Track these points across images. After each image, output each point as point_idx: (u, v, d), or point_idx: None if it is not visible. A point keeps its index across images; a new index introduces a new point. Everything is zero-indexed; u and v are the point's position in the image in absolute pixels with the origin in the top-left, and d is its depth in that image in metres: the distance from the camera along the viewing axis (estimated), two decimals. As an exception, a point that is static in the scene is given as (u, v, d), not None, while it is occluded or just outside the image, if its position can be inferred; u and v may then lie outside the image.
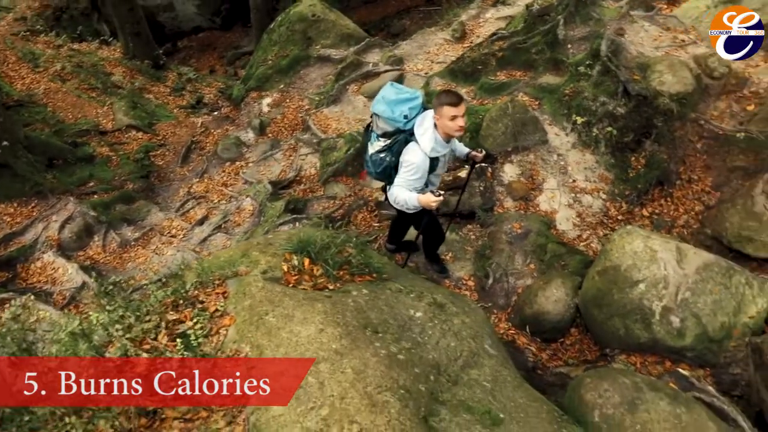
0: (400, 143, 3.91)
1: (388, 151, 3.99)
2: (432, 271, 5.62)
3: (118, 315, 2.61)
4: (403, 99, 3.91)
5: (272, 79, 10.65)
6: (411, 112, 3.87)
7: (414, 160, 3.78)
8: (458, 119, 3.65)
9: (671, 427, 3.04)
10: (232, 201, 8.56)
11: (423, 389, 2.49)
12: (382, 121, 3.98)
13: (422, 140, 3.78)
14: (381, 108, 3.94)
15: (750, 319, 4.40)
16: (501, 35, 8.82)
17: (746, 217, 5.78)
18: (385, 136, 4.01)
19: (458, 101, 3.66)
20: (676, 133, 6.48)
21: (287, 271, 3.20)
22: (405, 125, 3.89)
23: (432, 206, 3.66)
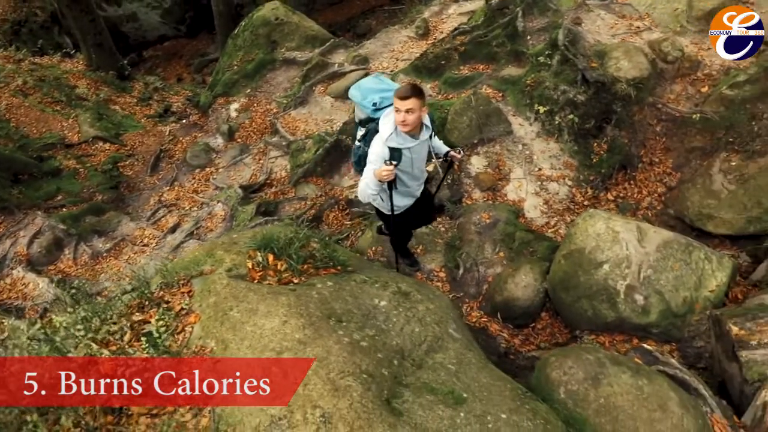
0: (371, 132, 3.83)
1: (363, 141, 3.94)
2: (403, 264, 5.67)
3: (80, 317, 2.61)
4: (379, 89, 3.85)
5: (239, 84, 10.64)
6: (382, 101, 3.78)
7: (374, 149, 3.66)
8: (400, 113, 3.46)
9: (633, 399, 3.13)
10: (204, 207, 8.54)
11: (386, 373, 2.54)
12: (357, 108, 3.98)
13: (382, 128, 3.67)
14: (354, 93, 3.93)
15: (711, 293, 4.54)
16: (463, 30, 8.92)
17: (706, 196, 5.95)
18: (361, 124, 3.98)
19: (404, 95, 3.44)
20: (635, 117, 6.63)
21: (252, 268, 3.22)
22: (374, 113, 3.82)
23: (384, 177, 3.45)
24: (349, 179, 8.01)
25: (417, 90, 3.50)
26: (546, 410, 2.78)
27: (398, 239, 5.22)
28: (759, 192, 5.52)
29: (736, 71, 6.48)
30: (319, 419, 2.18)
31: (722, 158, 6.06)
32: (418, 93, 3.48)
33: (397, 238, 5.07)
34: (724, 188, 5.87)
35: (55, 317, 2.62)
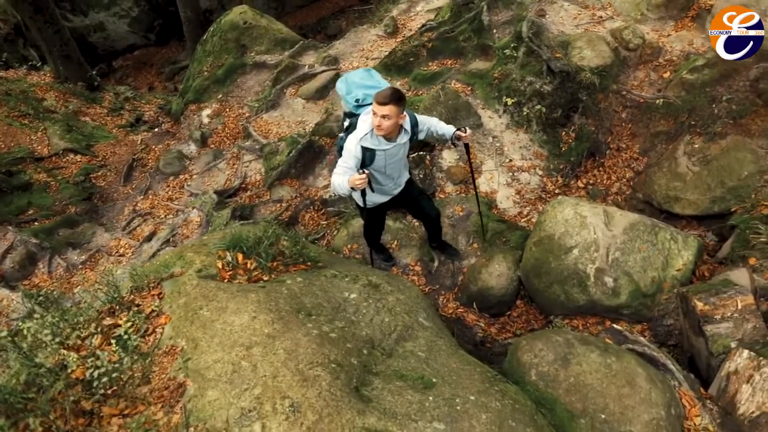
0: (353, 126, 3.84)
1: (345, 133, 3.94)
2: (378, 260, 5.71)
3: (48, 322, 2.61)
4: (366, 85, 3.86)
5: (210, 90, 10.59)
6: (366, 98, 3.79)
7: (348, 145, 3.69)
8: (376, 117, 3.50)
9: (602, 376, 3.20)
10: (179, 214, 8.50)
11: (355, 363, 2.58)
12: (342, 101, 3.99)
13: (360, 126, 3.69)
14: (340, 85, 3.97)
15: (678, 271, 4.64)
16: (430, 26, 9.02)
17: (672, 179, 6.07)
18: (346, 117, 4.01)
19: (382, 101, 3.45)
20: (600, 105, 6.75)
21: (221, 268, 3.24)
22: (355, 109, 3.85)
23: (357, 185, 3.49)
24: (324, 179, 8.04)
25: (396, 97, 3.48)
26: (515, 391, 2.84)
27: (370, 234, 5.28)
28: (722, 172, 5.65)
29: (695, 56, 6.64)
30: (288, 409, 2.21)
31: (686, 141, 6.19)
32: (396, 100, 3.47)
33: (369, 232, 5.15)
34: (688, 170, 6.00)
35: (22, 324, 2.62)
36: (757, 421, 3.24)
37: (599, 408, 3.10)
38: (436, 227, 5.27)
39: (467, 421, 2.37)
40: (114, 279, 3.12)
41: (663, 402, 3.22)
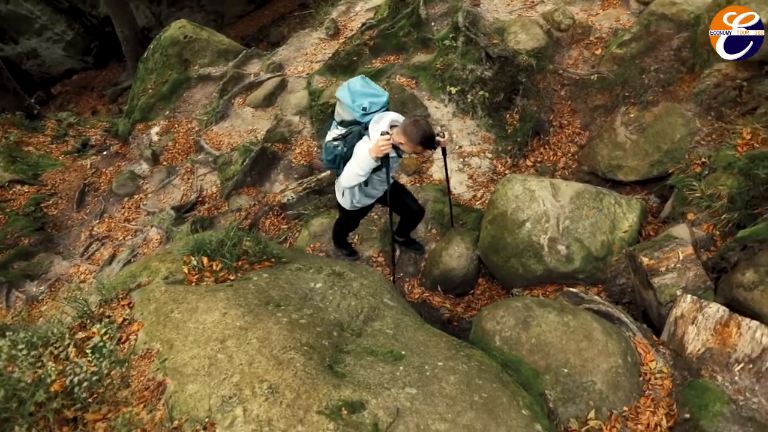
0: (354, 135, 3.90)
1: (342, 141, 3.98)
2: (342, 256, 5.83)
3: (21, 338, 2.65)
4: (368, 93, 3.92)
5: (156, 108, 10.50)
6: (371, 106, 3.88)
7: (360, 161, 3.76)
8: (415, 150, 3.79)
9: (561, 334, 3.41)
10: (138, 234, 8.43)
11: (326, 344, 2.70)
12: (342, 108, 3.98)
13: (374, 137, 3.73)
14: (343, 94, 3.96)
15: (625, 233, 4.91)
16: (370, 25, 9.17)
17: (613, 148, 6.38)
18: (343, 124, 4.02)
19: (432, 147, 3.84)
20: (539, 85, 7.03)
21: (188, 272, 3.31)
22: (362, 117, 3.89)
23: (381, 150, 3.60)
24: (280, 184, 8.11)
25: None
26: (481, 354, 3.01)
27: (342, 233, 5.47)
28: (657, 138, 5.97)
29: (622, 32, 6.98)
30: (267, 391, 2.32)
31: (622, 112, 6.51)
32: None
33: (342, 231, 5.37)
34: (627, 139, 6.31)
35: (-4, 341, 2.65)
36: (703, 356, 3.50)
37: (561, 363, 3.30)
38: (415, 223, 5.43)
39: (437, 384, 2.53)
40: (82, 294, 3.15)
41: (619, 351, 3.44)
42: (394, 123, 3.81)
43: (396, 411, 2.29)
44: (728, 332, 3.49)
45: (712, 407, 3.18)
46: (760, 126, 4.86)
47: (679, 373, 3.52)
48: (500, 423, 2.38)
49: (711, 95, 5.74)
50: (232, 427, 2.19)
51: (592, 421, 3.18)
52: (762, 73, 5.27)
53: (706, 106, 5.78)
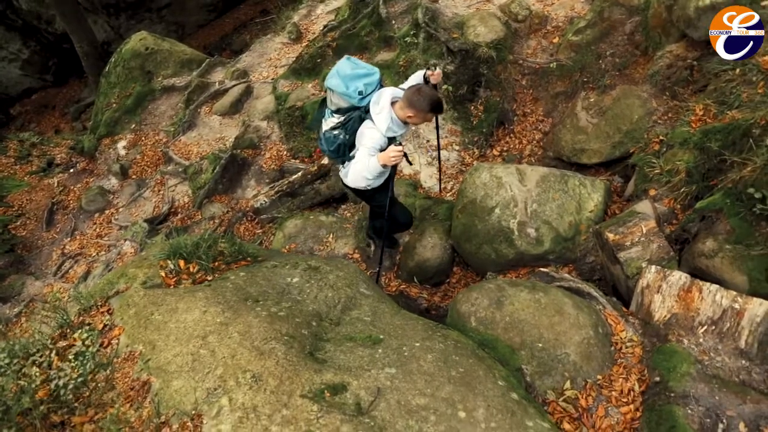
0: (354, 120, 3.81)
1: (341, 129, 3.89)
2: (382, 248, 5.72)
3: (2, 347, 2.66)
4: (359, 74, 3.79)
5: (122, 122, 10.42)
6: (366, 88, 3.75)
7: (371, 142, 3.69)
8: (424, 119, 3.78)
9: (534, 310, 3.52)
10: (111, 249, 8.37)
11: (306, 333, 2.78)
12: (336, 97, 3.87)
13: (378, 119, 3.68)
14: (334, 82, 3.82)
15: (591, 213, 5.08)
16: (332, 26, 9.25)
17: (575, 133, 6.56)
18: (339, 112, 3.90)
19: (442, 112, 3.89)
20: (501, 76, 7.18)
21: (165, 276, 3.35)
22: (359, 102, 3.77)
23: (392, 160, 3.55)
24: (252, 190, 8.14)
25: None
26: (457, 334, 3.11)
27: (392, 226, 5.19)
28: (616, 120, 6.16)
29: (577, 19, 7.18)
30: (251, 380, 2.38)
31: (582, 97, 6.69)
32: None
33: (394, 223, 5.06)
34: (589, 123, 6.49)
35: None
36: (669, 322, 3.66)
37: (535, 338, 3.42)
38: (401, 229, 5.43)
39: (415, 362, 2.61)
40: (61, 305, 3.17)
41: (590, 323, 3.57)
42: (394, 99, 3.75)
43: (377, 390, 2.37)
44: (691, 297, 3.65)
45: (680, 369, 3.33)
46: (711, 102, 5.06)
47: (648, 340, 3.67)
48: (477, 394, 2.48)
49: (664, 76, 5.94)
50: (218, 416, 2.25)
51: (568, 392, 3.31)
52: (710, 52, 5.48)
53: (660, 86, 5.98)
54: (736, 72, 4.92)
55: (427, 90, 3.67)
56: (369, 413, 2.25)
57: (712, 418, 3.09)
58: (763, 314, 3.43)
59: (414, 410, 2.30)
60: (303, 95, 8.58)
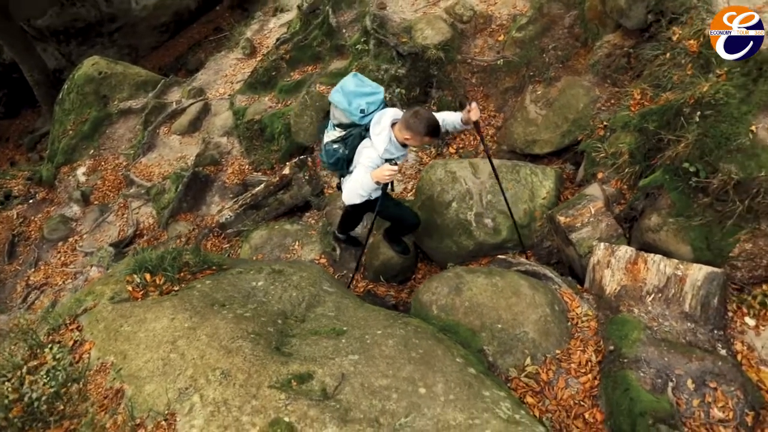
0: (354, 137, 3.81)
1: (342, 143, 3.89)
2: (345, 246, 5.88)
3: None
4: (363, 92, 3.80)
5: (80, 148, 10.33)
6: (369, 107, 3.77)
7: (368, 161, 3.70)
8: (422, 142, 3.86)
9: (491, 294, 3.70)
10: (78, 276, 8.30)
11: (272, 330, 2.89)
12: (338, 112, 3.88)
13: (376, 140, 3.69)
14: (337, 98, 3.82)
15: (543, 200, 5.30)
16: (284, 39, 9.37)
17: (526, 125, 6.79)
18: (341, 126, 3.92)
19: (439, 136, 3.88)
20: (451, 75, 7.39)
21: (132, 290, 3.42)
22: (360, 120, 3.79)
23: (385, 178, 3.55)
24: (216, 206, 8.18)
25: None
26: (418, 321, 3.26)
27: (346, 220, 5.47)
28: (563, 110, 6.41)
29: (520, 17, 7.44)
30: (220, 376, 2.48)
31: (530, 91, 6.94)
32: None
33: (346, 220, 5.41)
34: (538, 115, 6.73)
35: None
36: (619, 294, 3.88)
37: (494, 320, 3.59)
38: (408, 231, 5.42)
39: (377, 348, 2.75)
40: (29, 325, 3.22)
41: (546, 302, 3.76)
42: (395, 120, 3.77)
43: (341, 375, 2.50)
44: (637, 269, 3.87)
45: (631, 336, 3.54)
46: (647, 86, 5.33)
47: (602, 313, 3.88)
48: (436, 371, 2.62)
49: (604, 64, 6.22)
50: (191, 412, 2.35)
51: (529, 368, 3.48)
52: (644, 40, 5.78)
53: (601, 74, 6.25)
54: (667, 56, 5.20)
55: (425, 113, 3.69)
56: (335, 397, 2.38)
57: (662, 378, 3.30)
58: (702, 278, 3.67)
59: (377, 390, 2.44)
60: (260, 108, 8.67)
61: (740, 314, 3.83)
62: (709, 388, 3.27)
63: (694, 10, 5.02)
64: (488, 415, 2.36)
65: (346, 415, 2.29)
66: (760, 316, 3.79)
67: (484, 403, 2.46)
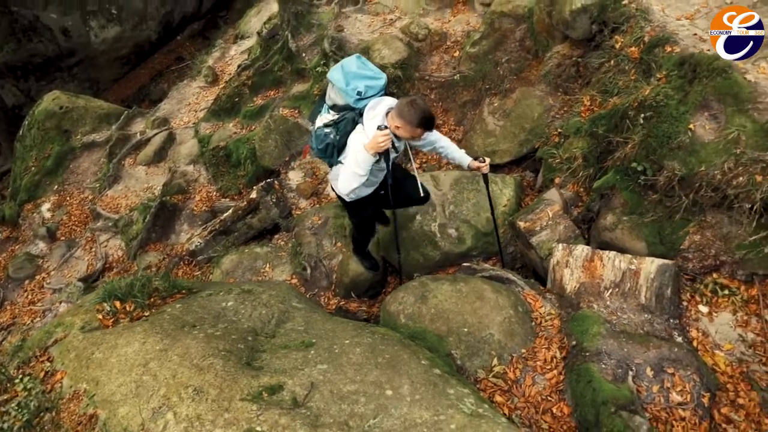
0: (347, 122, 3.61)
1: (333, 128, 3.67)
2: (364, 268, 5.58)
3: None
4: (364, 75, 3.61)
5: (43, 184, 10.22)
6: (367, 90, 3.57)
7: (359, 148, 3.48)
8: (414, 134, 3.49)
9: (456, 300, 3.82)
10: (47, 314, 8.18)
11: (243, 347, 2.96)
12: (334, 92, 3.70)
13: (368, 125, 3.49)
14: (336, 76, 3.62)
15: (504, 207, 5.47)
16: (246, 65, 9.48)
17: (486, 137, 7.00)
18: (335, 109, 3.73)
19: (432, 127, 3.53)
20: (411, 92, 7.59)
21: (103, 318, 3.45)
22: (356, 102, 3.58)
23: (380, 145, 3.34)
24: (185, 234, 8.18)
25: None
26: (385, 330, 3.37)
27: (359, 235, 5.19)
28: (520, 120, 6.64)
29: (473, 33, 7.70)
30: (192, 393, 2.54)
31: (487, 103, 7.17)
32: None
33: (358, 233, 5.12)
34: (496, 126, 6.95)
35: None
36: (579, 291, 4.04)
37: (460, 324, 3.71)
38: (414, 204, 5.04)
39: (345, 357, 2.84)
40: None
41: (510, 304, 3.90)
42: (390, 109, 3.54)
43: (311, 384, 2.58)
44: (594, 266, 4.04)
45: (592, 330, 3.69)
46: (596, 92, 5.58)
47: (564, 311, 4.03)
48: (402, 374, 2.72)
49: (556, 74, 6.48)
50: (165, 430, 2.40)
51: (496, 368, 3.60)
52: (590, 49, 6.05)
53: (553, 84, 6.51)
54: (611, 64, 5.46)
55: (421, 103, 3.44)
56: (305, 405, 2.46)
57: (623, 368, 3.45)
58: (655, 270, 3.85)
59: (345, 395, 2.53)
60: (225, 135, 8.74)
61: (694, 303, 4.02)
62: (667, 374, 3.43)
63: (633, 19, 5.29)
64: (453, 411, 2.46)
65: (316, 420, 2.37)
66: (713, 303, 3.99)
67: (449, 400, 2.57)
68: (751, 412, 3.35)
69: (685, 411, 3.27)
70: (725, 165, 3.93)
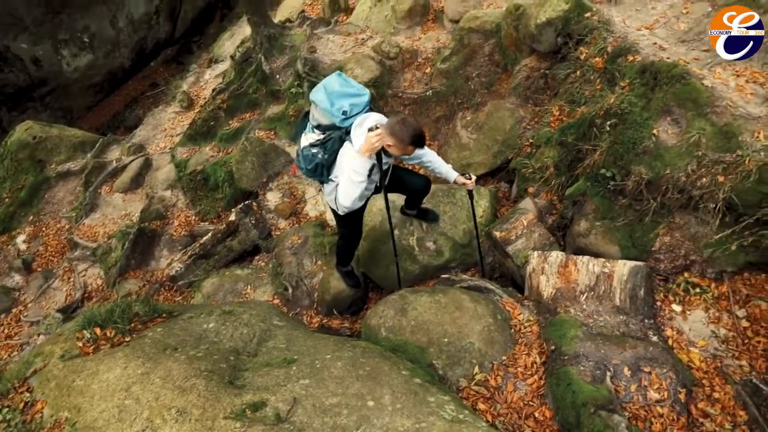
0: (334, 141, 3.61)
1: (320, 147, 3.66)
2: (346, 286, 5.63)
3: None
4: (348, 93, 3.58)
5: (17, 216, 10.10)
6: (352, 108, 3.55)
7: (355, 164, 3.53)
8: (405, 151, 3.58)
9: (435, 311, 3.88)
10: (25, 347, 8.05)
11: (225, 366, 2.98)
12: (318, 112, 3.65)
13: (357, 142, 3.51)
14: (319, 97, 3.58)
15: (481, 218, 5.55)
16: (220, 89, 9.55)
17: (460, 150, 7.12)
18: (320, 128, 3.70)
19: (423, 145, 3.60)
20: (384, 109, 7.70)
21: (83, 346, 3.43)
22: (342, 122, 3.57)
23: (375, 145, 3.40)
24: (165, 259, 8.14)
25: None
26: (366, 343, 3.40)
27: (345, 244, 5.13)
28: (492, 132, 6.77)
29: (443, 49, 7.86)
30: (176, 414, 2.55)
31: (460, 117, 7.31)
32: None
33: (345, 243, 5.07)
34: (470, 139, 7.08)
35: None
36: (556, 297, 4.12)
37: (441, 335, 3.76)
38: (422, 196, 5.15)
39: (327, 371, 2.87)
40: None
41: (489, 312, 3.97)
42: (379, 125, 3.54)
43: (293, 399, 2.61)
44: (569, 271, 4.13)
45: (569, 334, 3.76)
46: (564, 102, 5.73)
47: (542, 317, 4.11)
48: (383, 384, 2.76)
49: (525, 86, 6.64)
50: (148, 453, 2.41)
51: (478, 376, 3.66)
52: (557, 61, 6.21)
53: (523, 96, 6.66)
54: (577, 74, 5.62)
55: (412, 121, 3.52)
56: (288, 420, 2.48)
57: (600, 369, 3.53)
58: (627, 272, 3.96)
59: (328, 408, 2.56)
60: (202, 159, 8.75)
61: (667, 302, 4.13)
62: (644, 372, 3.51)
63: (596, 30, 5.46)
64: (434, 418, 2.51)
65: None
66: (685, 302, 4.10)
67: (429, 408, 2.61)
68: (727, 405, 3.44)
69: (663, 408, 3.34)
70: (689, 167, 4.06)
